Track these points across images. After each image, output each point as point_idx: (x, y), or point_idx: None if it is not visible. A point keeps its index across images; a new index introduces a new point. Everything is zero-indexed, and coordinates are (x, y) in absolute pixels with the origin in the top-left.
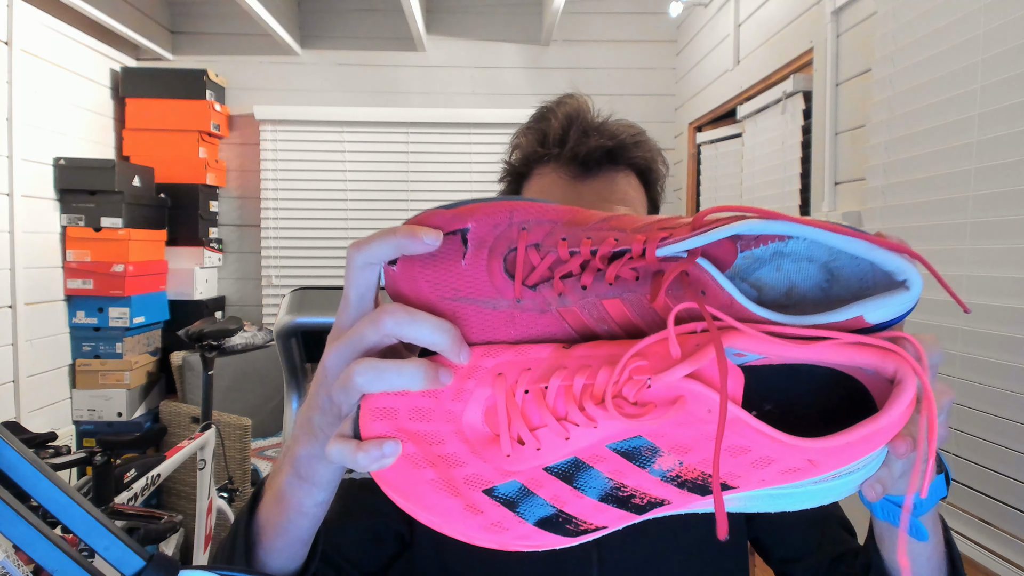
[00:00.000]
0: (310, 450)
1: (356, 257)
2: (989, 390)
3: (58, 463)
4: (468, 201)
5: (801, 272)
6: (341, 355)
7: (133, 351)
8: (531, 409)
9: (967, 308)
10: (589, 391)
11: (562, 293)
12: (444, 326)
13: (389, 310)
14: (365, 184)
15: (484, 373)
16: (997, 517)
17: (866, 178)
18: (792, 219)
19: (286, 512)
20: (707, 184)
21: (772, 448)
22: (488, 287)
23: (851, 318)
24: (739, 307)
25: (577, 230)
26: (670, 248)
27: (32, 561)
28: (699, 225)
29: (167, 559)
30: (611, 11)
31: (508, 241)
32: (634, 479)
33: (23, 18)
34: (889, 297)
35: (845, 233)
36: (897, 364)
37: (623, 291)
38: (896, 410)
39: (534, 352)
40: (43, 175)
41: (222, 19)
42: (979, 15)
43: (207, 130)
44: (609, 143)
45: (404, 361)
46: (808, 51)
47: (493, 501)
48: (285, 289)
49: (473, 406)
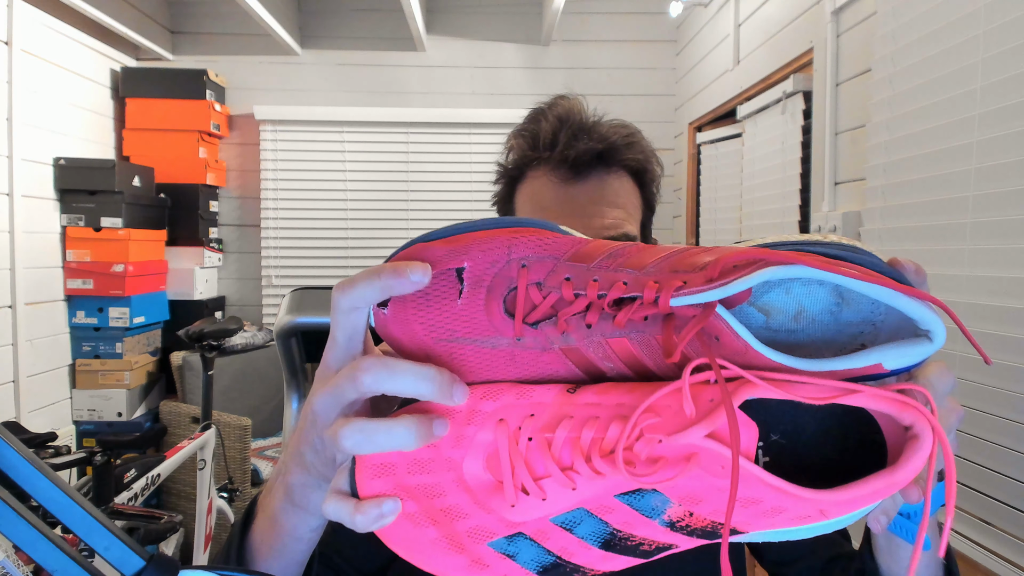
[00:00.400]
0: (303, 479)
1: (340, 301)
2: (989, 390)
3: (58, 463)
4: (462, 228)
5: (811, 296)
6: (326, 403)
7: (133, 351)
8: (535, 458)
9: (989, 360)
10: (598, 445)
11: (565, 332)
12: (428, 372)
13: (365, 366)
14: (365, 184)
15: (484, 418)
16: (997, 517)
17: (866, 178)
18: (812, 262)
19: (281, 537)
20: (707, 184)
21: (784, 500)
22: (486, 326)
23: (869, 365)
24: (754, 354)
25: (582, 269)
26: (685, 299)
27: (32, 561)
28: (716, 275)
29: (167, 559)
30: (611, 11)
31: (507, 280)
32: (643, 530)
33: (23, 18)
34: (910, 346)
35: (872, 281)
36: (914, 417)
37: (630, 331)
38: (912, 464)
39: (537, 395)
40: (43, 175)
41: (222, 19)
42: (979, 15)
43: (207, 130)
44: (599, 146)
45: (393, 420)
46: (808, 51)
47: (499, 554)
48: (285, 289)
49: (474, 453)
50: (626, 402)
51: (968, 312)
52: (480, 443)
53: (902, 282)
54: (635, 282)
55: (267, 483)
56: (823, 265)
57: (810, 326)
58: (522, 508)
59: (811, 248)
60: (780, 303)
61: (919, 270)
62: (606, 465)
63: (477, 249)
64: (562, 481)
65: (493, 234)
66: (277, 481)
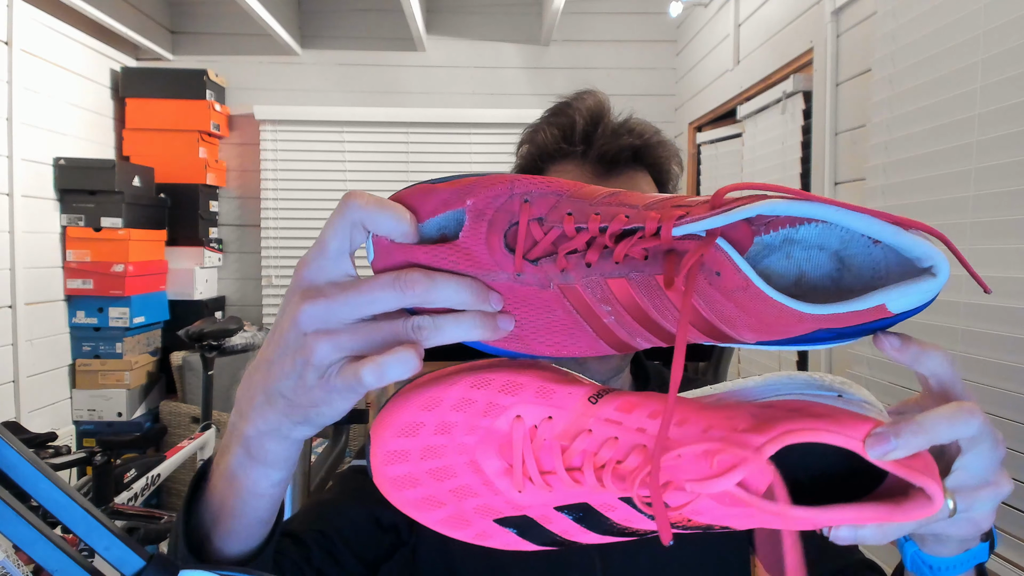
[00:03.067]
0: (263, 426)
1: (357, 211)
2: (989, 390)
3: (58, 463)
4: (466, 174)
5: (811, 260)
6: (329, 315)
7: (133, 351)
8: (545, 457)
9: (987, 288)
10: (612, 466)
11: (565, 269)
12: (466, 281)
13: (413, 276)
14: (365, 184)
15: (501, 411)
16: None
17: (866, 178)
18: (816, 199)
19: (241, 495)
20: (707, 184)
21: (779, 520)
22: (487, 260)
23: (873, 306)
24: (755, 289)
25: (584, 204)
26: (688, 227)
27: (32, 561)
28: (718, 204)
29: (167, 559)
30: (611, 11)
31: (509, 214)
32: (642, 524)
33: (23, 18)
34: (914, 284)
35: (872, 215)
36: (924, 484)
37: (630, 271)
38: (914, 514)
39: (558, 397)
40: (43, 175)
41: (222, 19)
42: (979, 15)
43: (207, 130)
44: (637, 141)
45: (461, 314)
46: (808, 51)
47: (503, 528)
48: (285, 289)
49: (488, 439)
50: (647, 428)
51: (968, 312)
52: (496, 431)
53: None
54: (636, 215)
55: (220, 443)
56: (824, 200)
57: (811, 292)
58: (529, 493)
59: None
60: (781, 268)
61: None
62: (617, 486)
63: (480, 186)
64: (568, 482)
65: (497, 175)
66: (231, 438)
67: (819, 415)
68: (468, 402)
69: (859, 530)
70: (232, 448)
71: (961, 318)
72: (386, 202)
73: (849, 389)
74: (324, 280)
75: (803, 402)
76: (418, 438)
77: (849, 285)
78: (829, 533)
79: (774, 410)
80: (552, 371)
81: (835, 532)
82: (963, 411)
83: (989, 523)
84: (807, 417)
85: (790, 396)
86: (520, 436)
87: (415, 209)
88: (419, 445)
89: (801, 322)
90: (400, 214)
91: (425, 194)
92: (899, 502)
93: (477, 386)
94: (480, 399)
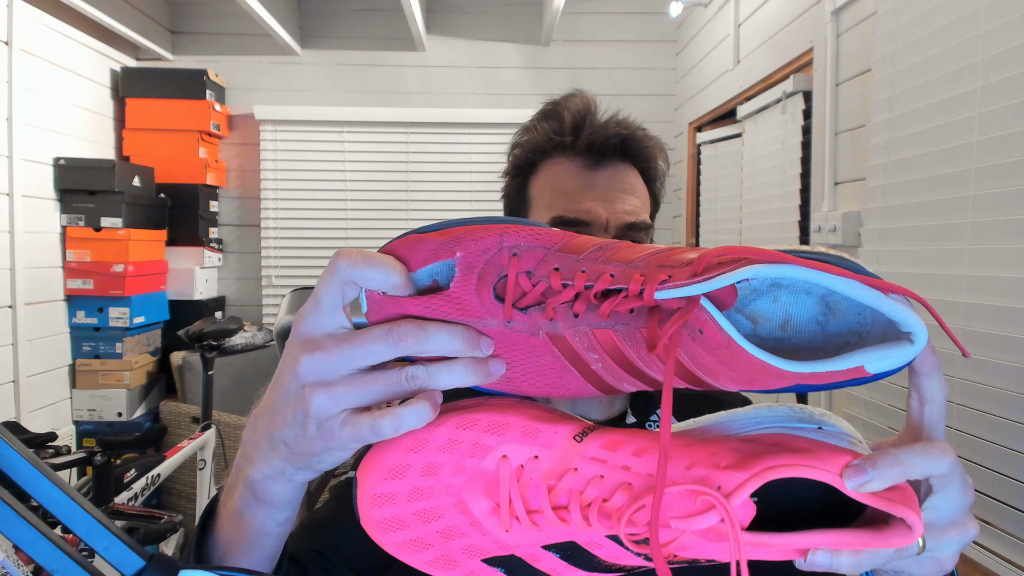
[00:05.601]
0: (267, 470)
1: (345, 270)
2: (989, 390)
3: (58, 463)
4: (455, 223)
5: (798, 305)
6: (326, 367)
7: (133, 351)
8: (532, 496)
9: (967, 353)
10: (598, 505)
11: (553, 319)
12: (457, 329)
13: (405, 328)
14: (365, 184)
15: (486, 451)
16: (997, 517)
17: (866, 178)
18: (798, 262)
19: (248, 534)
20: (707, 184)
21: (759, 551)
22: (478, 308)
23: (852, 367)
24: (737, 348)
25: (571, 259)
26: (670, 292)
27: (32, 561)
28: (701, 270)
29: (167, 559)
30: (611, 11)
31: (498, 267)
32: (629, 560)
33: (23, 18)
34: (892, 348)
35: (853, 279)
36: (904, 514)
37: (616, 323)
38: (893, 541)
39: (543, 436)
40: (43, 175)
41: (222, 19)
42: (979, 15)
43: (207, 130)
44: (624, 132)
45: (452, 361)
46: (808, 51)
47: (491, 568)
48: (285, 289)
49: (475, 479)
50: (632, 467)
51: (968, 312)
52: (482, 471)
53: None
54: (622, 275)
55: (226, 481)
56: (808, 264)
57: (797, 335)
58: (516, 532)
59: (797, 254)
60: (767, 311)
61: (907, 293)
62: (603, 524)
63: (470, 239)
64: (555, 521)
65: (485, 227)
66: (236, 479)
67: (799, 450)
68: (454, 443)
69: (836, 556)
70: (238, 489)
71: (961, 318)
72: (374, 258)
73: (829, 420)
74: (321, 333)
75: (784, 435)
76: (405, 480)
77: (834, 330)
78: (806, 559)
79: (756, 445)
80: (537, 409)
81: (812, 557)
82: (936, 448)
83: (952, 564)
84: (787, 452)
85: (771, 429)
86: (507, 476)
87: (406, 259)
88: (406, 487)
89: (781, 378)
90: (389, 268)
91: (415, 244)
92: (880, 529)
93: (463, 427)
94: (466, 440)
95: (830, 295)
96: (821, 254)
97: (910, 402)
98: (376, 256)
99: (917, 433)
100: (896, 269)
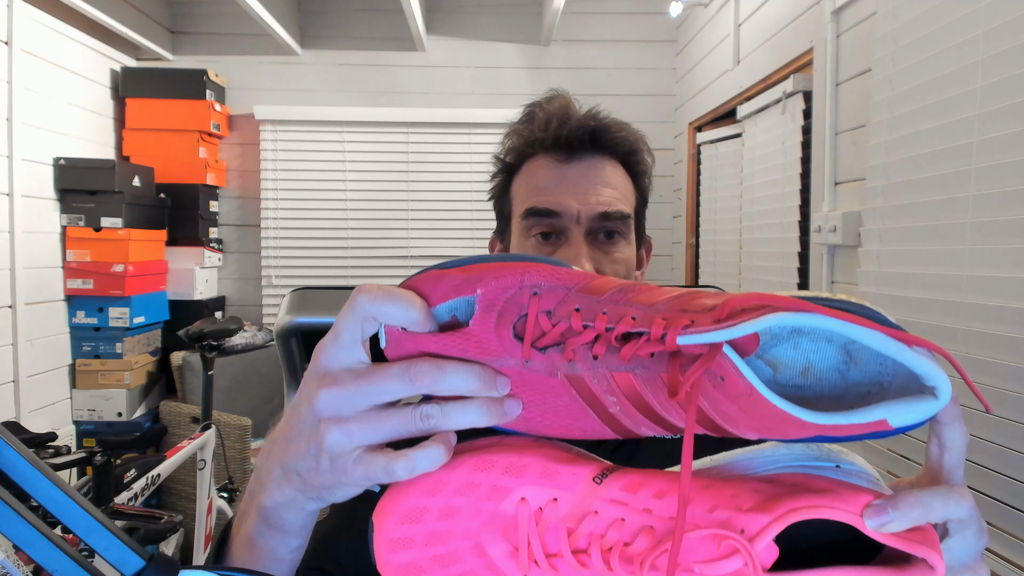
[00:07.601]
0: (280, 498)
1: (366, 307)
2: (989, 390)
3: (58, 463)
4: (477, 259)
5: (819, 352)
6: (342, 403)
7: (133, 351)
8: (551, 538)
9: (991, 409)
10: (619, 549)
11: (572, 360)
12: (473, 368)
13: (423, 367)
14: (365, 184)
15: (504, 494)
16: (997, 517)
17: (866, 178)
18: (819, 310)
19: (260, 560)
20: (707, 184)
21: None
22: (496, 347)
23: (874, 421)
24: (759, 397)
25: (592, 300)
26: (692, 338)
27: (32, 561)
28: (724, 316)
29: (167, 559)
30: (611, 11)
31: (518, 306)
32: None
33: (23, 18)
34: (915, 403)
35: (878, 330)
36: (926, 554)
37: (635, 366)
38: None
39: (562, 479)
40: (43, 175)
41: (222, 19)
42: (979, 15)
43: (207, 130)
44: (591, 123)
45: (466, 401)
46: (808, 51)
47: None
48: (285, 289)
49: (492, 522)
50: (653, 509)
51: (968, 312)
52: (500, 514)
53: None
54: (643, 318)
55: (239, 506)
56: (830, 312)
57: (817, 383)
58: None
59: (820, 302)
60: (788, 358)
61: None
62: (624, 568)
63: (491, 276)
64: (574, 565)
65: (507, 264)
66: (249, 506)
67: (820, 490)
68: (472, 485)
69: None
70: (251, 516)
71: (961, 318)
72: (395, 294)
73: (846, 458)
74: (339, 367)
75: (804, 475)
76: (422, 524)
77: (855, 379)
78: None
79: (776, 486)
80: (555, 449)
81: None
82: (956, 492)
83: None
84: (809, 493)
85: (790, 468)
86: (525, 519)
87: (426, 295)
88: (423, 531)
89: (803, 428)
90: (408, 304)
91: (436, 280)
92: (901, 568)
93: (480, 468)
94: (484, 482)
95: (851, 344)
96: (843, 302)
97: (930, 447)
98: (396, 292)
99: (936, 476)
100: (896, 269)
